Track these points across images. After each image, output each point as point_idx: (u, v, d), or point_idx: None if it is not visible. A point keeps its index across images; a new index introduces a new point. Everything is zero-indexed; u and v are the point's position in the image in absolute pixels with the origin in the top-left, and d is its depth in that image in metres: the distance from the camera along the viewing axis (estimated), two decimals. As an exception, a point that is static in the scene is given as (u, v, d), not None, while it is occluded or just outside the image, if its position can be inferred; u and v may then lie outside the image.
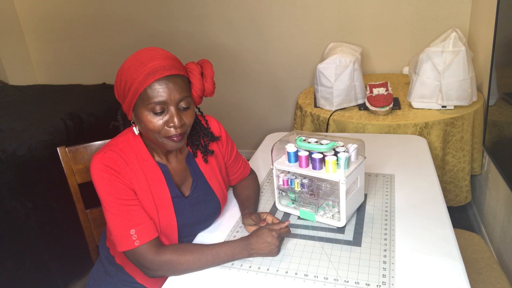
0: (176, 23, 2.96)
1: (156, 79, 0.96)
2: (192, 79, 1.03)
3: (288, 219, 1.20)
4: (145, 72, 0.96)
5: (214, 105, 3.08)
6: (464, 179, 1.98)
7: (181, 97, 0.99)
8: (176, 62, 1.01)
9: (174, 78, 0.98)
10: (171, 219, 1.08)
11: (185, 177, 1.15)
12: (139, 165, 1.06)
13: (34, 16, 3.28)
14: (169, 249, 1.01)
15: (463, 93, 1.87)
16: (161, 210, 1.07)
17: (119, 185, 1.01)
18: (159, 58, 0.98)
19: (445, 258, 0.96)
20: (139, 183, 1.04)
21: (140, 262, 1.00)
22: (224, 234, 1.15)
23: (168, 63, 0.98)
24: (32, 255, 1.74)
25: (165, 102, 0.97)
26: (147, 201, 1.05)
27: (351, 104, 2.11)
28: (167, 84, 0.96)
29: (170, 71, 0.97)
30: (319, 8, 2.63)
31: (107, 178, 1.00)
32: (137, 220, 1.00)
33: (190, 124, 1.04)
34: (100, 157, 1.02)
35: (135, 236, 0.99)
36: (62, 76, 3.42)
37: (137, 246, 0.99)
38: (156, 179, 1.08)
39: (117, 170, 1.02)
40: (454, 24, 2.39)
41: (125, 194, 1.01)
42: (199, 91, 1.04)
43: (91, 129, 2.06)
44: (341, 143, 1.14)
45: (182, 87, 0.99)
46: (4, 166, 1.66)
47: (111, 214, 1.00)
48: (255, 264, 1.01)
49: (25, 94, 2.55)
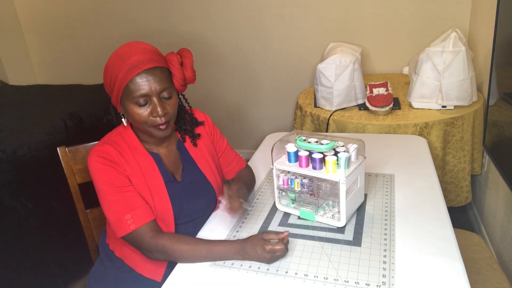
0: (176, 23, 2.96)
1: (136, 73, 1.02)
2: (172, 69, 1.09)
3: (286, 229, 1.16)
4: (126, 68, 1.02)
5: (214, 105, 3.08)
6: (464, 179, 1.98)
7: (162, 88, 1.05)
8: (155, 55, 1.06)
9: (154, 71, 1.04)
10: (166, 203, 1.13)
11: (177, 164, 1.21)
12: (132, 155, 1.12)
13: (34, 16, 3.28)
14: (165, 236, 1.06)
15: (463, 93, 1.87)
16: (156, 196, 1.12)
17: (114, 174, 1.07)
18: (138, 53, 1.04)
19: (445, 258, 0.96)
20: (133, 171, 1.10)
21: (138, 245, 1.07)
22: (224, 234, 1.15)
23: (146, 57, 1.04)
24: (32, 255, 1.74)
25: (147, 95, 1.03)
26: (142, 187, 1.10)
27: (351, 104, 2.11)
28: (147, 77, 1.02)
29: (149, 65, 1.03)
30: (319, 8, 2.63)
31: (102, 169, 1.07)
32: (132, 205, 1.06)
33: (174, 112, 1.10)
34: (95, 150, 1.10)
35: (130, 220, 1.04)
36: (62, 76, 3.42)
37: (133, 230, 1.04)
38: (149, 167, 1.13)
39: (111, 160, 1.08)
40: (454, 24, 2.39)
41: (119, 181, 1.07)
42: (180, 80, 1.10)
43: (91, 129, 2.06)
44: (341, 143, 1.14)
45: (162, 79, 1.05)
46: (4, 166, 1.66)
47: (107, 202, 1.06)
48: (255, 264, 1.01)
49: (25, 94, 2.54)
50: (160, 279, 1.16)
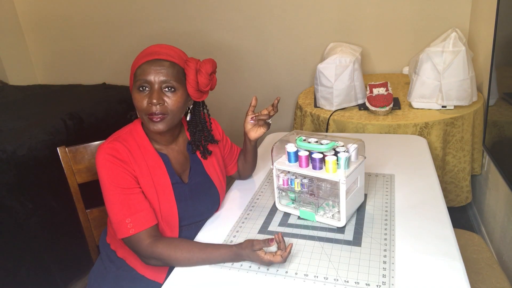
0: (176, 23, 2.96)
1: (146, 60, 1.06)
2: (186, 70, 1.10)
3: (287, 241, 1.15)
4: (142, 55, 1.08)
5: (214, 104, 3.07)
6: (464, 179, 1.98)
7: (165, 79, 1.05)
8: (173, 52, 1.09)
9: (163, 62, 1.06)
10: (171, 205, 1.13)
11: (185, 166, 1.21)
12: (140, 153, 1.11)
13: (34, 16, 3.28)
14: (162, 244, 1.04)
15: (463, 93, 1.87)
16: (162, 196, 1.11)
17: (121, 174, 1.06)
18: (158, 47, 1.09)
19: (445, 258, 0.96)
20: (141, 170, 1.09)
21: (135, 250, 1.06)
22: (224, 235, 1.15)
23: (163, 51, 1.07)
24: (32, 255, 1.74)
25: (149, 81, 1.05)
26: (148, 187, 1.10)
27: (351, 104, 2.11)
28: (155, 67, 1.05)
29: (161, 56, 1.06)
30: (319, 8, 2.63)
31: (110, 167, 1.06)
32: (134, 209, 1.05)
33: (173, 109, 1.08)
34: (105, 147, 1.08)
35: (130, 224, 1.04)
36: (62, 76, 3.42)
37: (132, 234, 1.04)
38: (157, 166, 1.13)
39: (121, 159, 1.07)
40: (454, 24, 2.39)
41: (126, 183, 1.06)
42: (192, 83, 1.10)
43: (91, 129, 2.06)
44: (341, 143, 1.14)
45: (169, 72, 1.06)
46: (4, 166, 1.66)
47: (110, 202, 1.06)
48: (255, 264, 1.01)
49: (25, 94, 2.54)
50: (162, 280, 1.15)
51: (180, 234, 1.17)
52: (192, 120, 1.21)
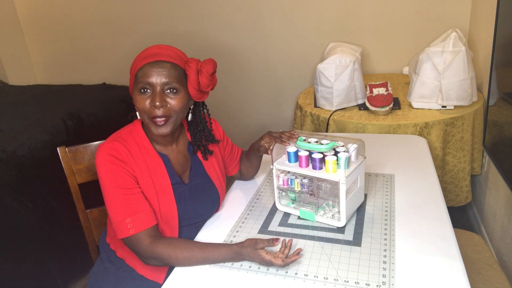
0: (176, 23, 2.96)
1: (147, 62, 1.05)
2: (187, 71, 1.10)
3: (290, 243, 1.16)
4: (142, 57, 1.07)
5: (214, 104, 3.07)
6: (464, 179, 1.98)
7: (167, 81, 1.05)
8: (173, 53, 1.08)
9: (165, 64, 1.06)
10: (171, 206, 1.12)
11: (185, 166, 1.20)
12: (140, 154, 1.11)
13: (34, 16, 3.28)
14: (162, 244, 1.04)
15: (463, 93, 1.87)
16: (162, 197, 1.11)
17: (121, 174, 1.06)
18: (158, 48, 1.09)
19: (445, 258, 0.96)
20: (141, 171, 1.09)
21: (135, 250, 1.06)
22: (224, 235, 1.15)
23: (164, 52, 1.07)
24: (32, 255, 1.74)
25: (151, 83, 1.05)
26: (148, 188, 1.09)
27: (351, 104, 2.11)
28: (156, 68, 1.04)
29: (162, 58, 1.06)
30: (319, 8, 2.63)
31: (110, 168, 1.06)
32: (134, 209, 1.05)
33: (176, 110, 1.08)
34: (105, 147, 1.08)
35: (130, 225, 1.04)
36: (62, 76, 3.42)
37: (132, 234, 1.04)
38: (157, 167, 1.12)
39: (121, 159, 1.07)
40: (454, 24, 2.39)
41: (126, 183, 1.06)
42: (194, 83, 1.10)
43: (91, 129, 2.06)
44: (341, 143, 1.14)
45: (171, 74, 1.06)
46: (4, 166, 1.66)
47: (110, 202, 1.06)
48: (255, 264, 1.01)
49: (25, 94, 2.54)
50: (162, 280, 1.16)
51: (180, 235, 1.17)
52: (192, 121, 1.21)
